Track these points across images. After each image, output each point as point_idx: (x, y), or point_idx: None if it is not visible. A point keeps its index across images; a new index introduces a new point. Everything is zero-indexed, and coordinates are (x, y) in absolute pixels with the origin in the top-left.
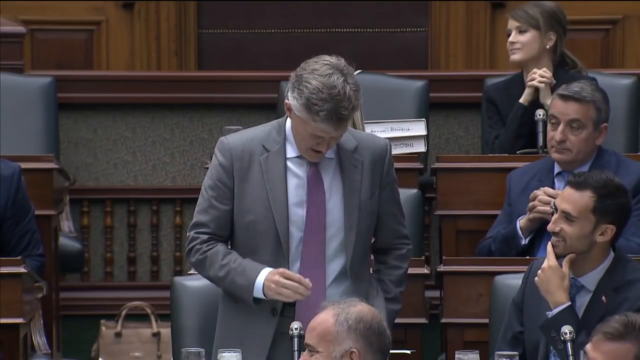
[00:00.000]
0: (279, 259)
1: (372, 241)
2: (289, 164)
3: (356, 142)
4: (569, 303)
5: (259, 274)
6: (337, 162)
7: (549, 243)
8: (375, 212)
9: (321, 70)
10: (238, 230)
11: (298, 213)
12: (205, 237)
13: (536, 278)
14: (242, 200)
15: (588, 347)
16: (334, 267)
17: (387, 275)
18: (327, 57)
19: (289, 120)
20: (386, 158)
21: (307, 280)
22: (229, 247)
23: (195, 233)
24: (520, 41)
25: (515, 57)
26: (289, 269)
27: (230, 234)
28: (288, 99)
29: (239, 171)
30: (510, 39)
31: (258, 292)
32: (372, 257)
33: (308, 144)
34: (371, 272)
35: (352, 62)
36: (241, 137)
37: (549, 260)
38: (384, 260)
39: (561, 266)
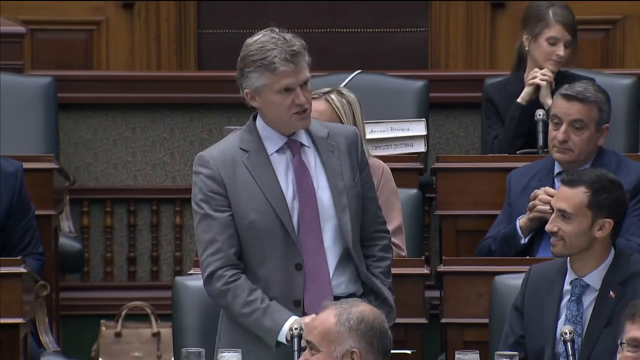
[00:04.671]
0: (289, 250)
1: None
2: (271, 159)
3: (327, 130)
4: None
5: (288, 319)
6: (315, 150)
7: None
8: (360, 195)
9: (254, 39)
10: (242, 236)
11: (292, 204)
12: (221, 262)
13: None
14: (237, 204)
15: None
16: (334, 253)
17: (377, 268)
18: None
19: (258, 120)
20: (358, 142)
21: None
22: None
23: (208, 256)
24: (563, 57)
25: (555, 69)
26: (301, 258)
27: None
28: (244, 88)
29: (227, 178)
30: (561, 52)
31: (282, 337)
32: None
33: (286, 110)
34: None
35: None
36: (217, 148)
37: None
38: (371, 253)
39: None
